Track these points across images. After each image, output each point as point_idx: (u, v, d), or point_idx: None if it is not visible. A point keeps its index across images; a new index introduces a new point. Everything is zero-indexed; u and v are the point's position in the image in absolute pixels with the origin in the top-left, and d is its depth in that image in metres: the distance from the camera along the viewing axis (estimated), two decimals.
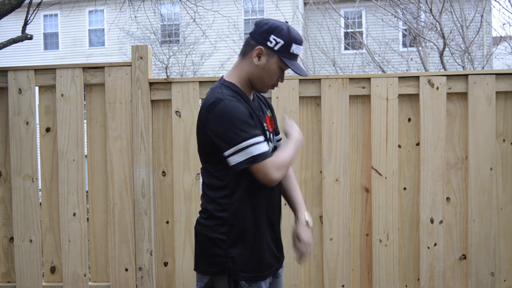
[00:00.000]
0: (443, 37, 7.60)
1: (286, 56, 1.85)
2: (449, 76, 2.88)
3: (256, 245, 1.87)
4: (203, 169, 1.94)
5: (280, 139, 2.10)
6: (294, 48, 1.85)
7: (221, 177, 1.85)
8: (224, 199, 1.84)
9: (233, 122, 1.75)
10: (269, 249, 1.91)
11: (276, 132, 2.06)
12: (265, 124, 1.94)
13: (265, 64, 1.86)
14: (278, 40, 1.83)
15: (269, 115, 2.02)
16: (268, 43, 1.84)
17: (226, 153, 1.77)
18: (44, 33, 18.01)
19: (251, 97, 1.95)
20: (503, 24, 20.27)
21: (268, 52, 1.85)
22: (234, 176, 1.82)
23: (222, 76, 1.96)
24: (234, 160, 1.76)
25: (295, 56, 1.87)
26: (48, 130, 3.07)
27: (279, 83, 1.97)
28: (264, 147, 1.78)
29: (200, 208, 1.96)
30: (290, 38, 1.84)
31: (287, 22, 1.91)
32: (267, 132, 1.94)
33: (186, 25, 14.08)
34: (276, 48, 1.84)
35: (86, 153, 3.00)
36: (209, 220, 1.87)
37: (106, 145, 3.01)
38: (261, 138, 1.79)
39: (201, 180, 2.98)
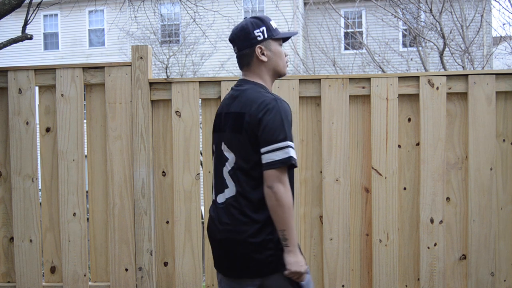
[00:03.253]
0: (443, 37, 7.60)
1: (276, 33, 2.01)
2: (449, 76, 2.88)
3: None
4: (237, 170, 1.91)
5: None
6: (274, 24, 2.02)
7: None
8: (262, 201, 1.86)
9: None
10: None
11: None
12: None
13: (271, 53, 2.00)
14: (261, 29, 1.98)
15: None
16: (258, 39, 1.98)
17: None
18: (44, 33, 18.00)
19: None
20: (503, 24, 20.28)
21: (265, 43, 1.99)
22: None
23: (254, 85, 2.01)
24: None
25: (277, 30, 2.04)
26: (48, 130, 3.07)
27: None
28: (294, 153, 1.87)
29: (228, 213, 1.93)
30: (265, 21, 2.01)
31: (246, 17, 2.16)
32: None
33: (186, 25, 14.07)
34: (265, 36, 1.99)
35: (86, 153, 3.00)
36: (251, 223, 1.87)
37: (106, 145, 3.01)
38: (292, 143, 1.91)
39: (201, 180, 2.99)
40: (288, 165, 1.81)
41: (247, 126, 1.87)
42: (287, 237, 1.83)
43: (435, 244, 2.87)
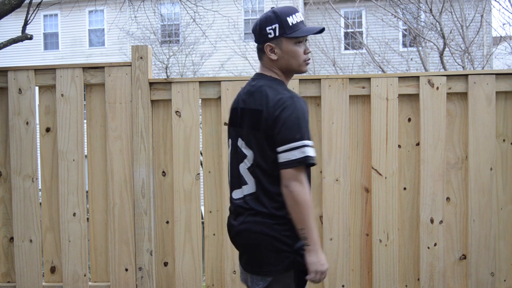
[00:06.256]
0: (443, 37, 7.60)
1: (289, 32, 1.90)
2: (449, 76, 2.88)
3: None
4: (256, 167, 1.90)
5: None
6: (292, 20, 1.90)
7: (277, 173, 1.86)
8: (281, 196, 1.85)
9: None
10: None
11: None
12: None
13: (282, 53, 1.92)
14: (273, 27, 1.90)
15: None
16: (269, 36, 1.91)
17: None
18: (44, 33, 18.00)
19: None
20: (503, 24, 20.27)
21: (275, 42, 1.91)
22: None
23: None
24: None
25: (298, 26, 1.91)
26: (48, 130, 3.07)
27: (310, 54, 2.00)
28: (313, 153, 1.83)
29: (243, 210, 1.94)
30: (281, 16, 1.90)
31: (273, 7, 1.97)
32: None
33: (186, 25, 14.07)
34: (277, 34, 1.90)
35: (86, 153, 3.00)
36: (270, 218, 1.87)
37: (106, 145, 3.01)
38: (311, 142, 1.86)
39: (201, 180, 2.99)
40: (305, 164, 1.81)
41: (264, 124, 1.86)
42: (306, 235, 1.81)
43: (435, 244, 2.87)
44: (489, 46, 11.42)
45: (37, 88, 3.08)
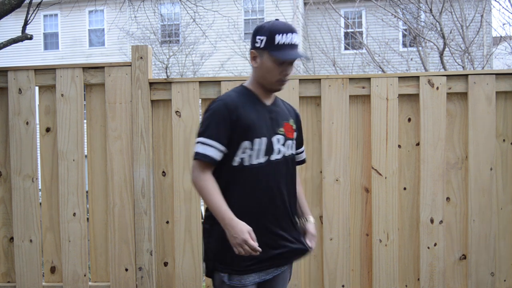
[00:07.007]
0: (443, 37, 7.60)
1: (271, 49, 1.90)
2: (449, 76, 2.88)
3: None
4: None
5: (302, 151, 2.20)
6: (279, 39, 1.89)
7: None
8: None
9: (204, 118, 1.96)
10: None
11: (298, 142, 2.14)
12: (281, 129, 2.01)
13: (261, 64, 1.95)
14: (262, 37, 1.92)
15: (290, 124, 2.07)
16: (256, 44, 1.95)
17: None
18: (44, 33, 18.00)
19: (270, 101, 2.03)
20: (503, 24, 20.26)
21: (259, 52, 1.94)
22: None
23: None
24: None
25: (285, 47, 1.90)
26: (48, 130, 3.07)
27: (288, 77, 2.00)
28: (202, 149, 1.90)
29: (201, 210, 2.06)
30: (271, 32, 1.90)
31: (277, 19, 1.98)
32: (282, 137, 2.00)
33: (186, 25, 14.07)
34: (262, 46, 1.92)
35: (86, 153, 3.00)
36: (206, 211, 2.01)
37: (106, 145, 3.01)
38: (208, 140, 1.90)
39: None
40: (194, 158, 1.92)
41: None
42: (214, 215, 1.89)
43: (435, 244, 2.87)
44: (489, 46, 11.42)
45: (37, 88, 3.08)
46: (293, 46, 1.92)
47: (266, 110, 1.99)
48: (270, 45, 1.90)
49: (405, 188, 2.93)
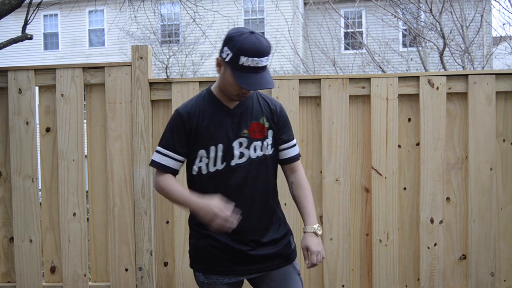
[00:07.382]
0: (443, 37, 7.60)
1: (236, 69, 1.78)
2: (449, 76, 2.88)
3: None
4: None
5: (288, 147, 2.04)
6: (244, 61, 1.75)
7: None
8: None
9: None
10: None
11: (279, 139, 2.01)
12: (245, 131, 1.92)
13: (223, 75, 1.86)
14: (229, 51, 1.79)
15: (261, 122, 1.95)
16: (222, 54, 1.82)
17: None
18: (44, 33, 18.01)
19: (234, 104, 1.94)
20: (503, 24, 20.28)
21: (224, 63, 1.83)
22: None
23: None
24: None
25: (249, 69, 1.77)
26: (48, 130, 3.07)
27: (251, 91, 1.92)
28: (158, 158, 1.97)
29: None
30: (238, 50, 1.75)
31: (253, 32, 1.80)
32: (246, 139, 1.92)
33: (186, 25, 14.07)
34: (226, 59, 1.80)
35: (86, 153, 3.00)
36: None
37: (106, 145, 3.01)
38: (163, 150, 1.97)
39: None
40: (152, 166, 2.00)
41: None
42: (182, 208, 1.98)
43: (435, 244, 2.87)
44: (489, 46, 11.41)
45: (37, 88, 3.08)
46: (258, 69, 1.78)
47: (227, 115, 1.92)
48: (234, 63, 1.77)
49: (405, 188, 2.93)
